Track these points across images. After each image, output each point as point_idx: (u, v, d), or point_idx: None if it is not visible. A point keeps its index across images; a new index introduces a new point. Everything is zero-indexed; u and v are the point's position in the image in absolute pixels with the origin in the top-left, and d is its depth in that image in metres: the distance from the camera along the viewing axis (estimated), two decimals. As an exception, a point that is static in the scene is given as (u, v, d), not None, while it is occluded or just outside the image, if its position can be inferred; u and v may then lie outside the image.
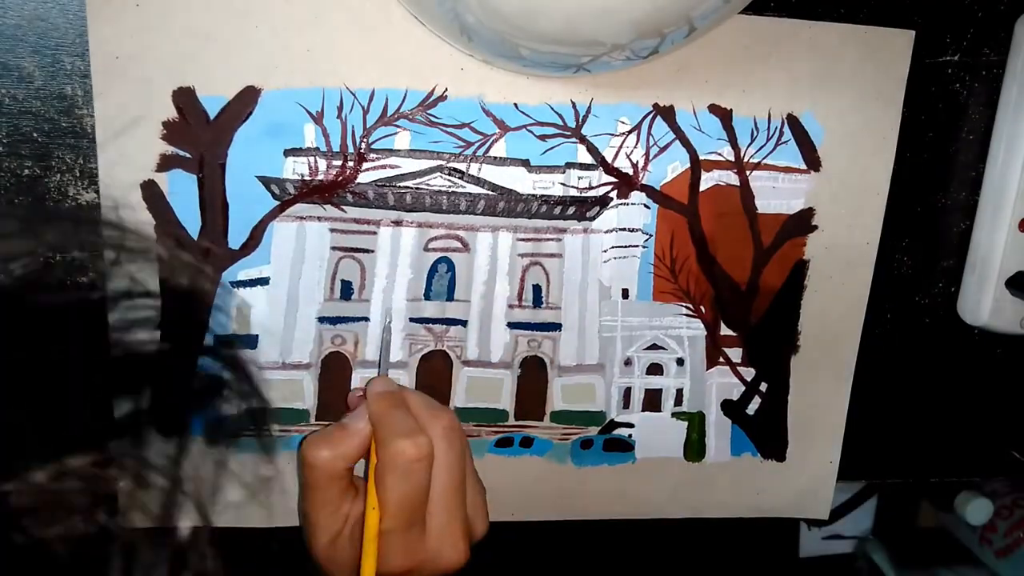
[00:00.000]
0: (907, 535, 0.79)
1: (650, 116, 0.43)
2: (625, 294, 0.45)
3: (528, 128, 0.42)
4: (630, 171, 0.44)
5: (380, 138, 0.41)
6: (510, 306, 0.44)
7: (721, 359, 0.47)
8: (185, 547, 0.20)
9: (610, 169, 0.44)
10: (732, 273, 0.46)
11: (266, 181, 0.41)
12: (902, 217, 0.47)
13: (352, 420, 0.38)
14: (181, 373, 0.41)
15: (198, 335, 0.41)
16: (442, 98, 0.41)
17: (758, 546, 0.75)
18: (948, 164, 0.48)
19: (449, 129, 0.42)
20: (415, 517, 0.36)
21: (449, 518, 0.37)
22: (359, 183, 0.41)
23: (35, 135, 0.39)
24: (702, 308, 0.46)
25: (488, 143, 0.42)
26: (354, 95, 0.40)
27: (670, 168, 0.44)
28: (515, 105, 0.42)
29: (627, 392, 0.47)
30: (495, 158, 0.42)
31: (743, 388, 0.48)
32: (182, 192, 0.40)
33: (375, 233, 0.42)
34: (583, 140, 0.43)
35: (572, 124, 0.43)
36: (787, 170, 0.45)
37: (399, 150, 0.41)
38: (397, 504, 0.35)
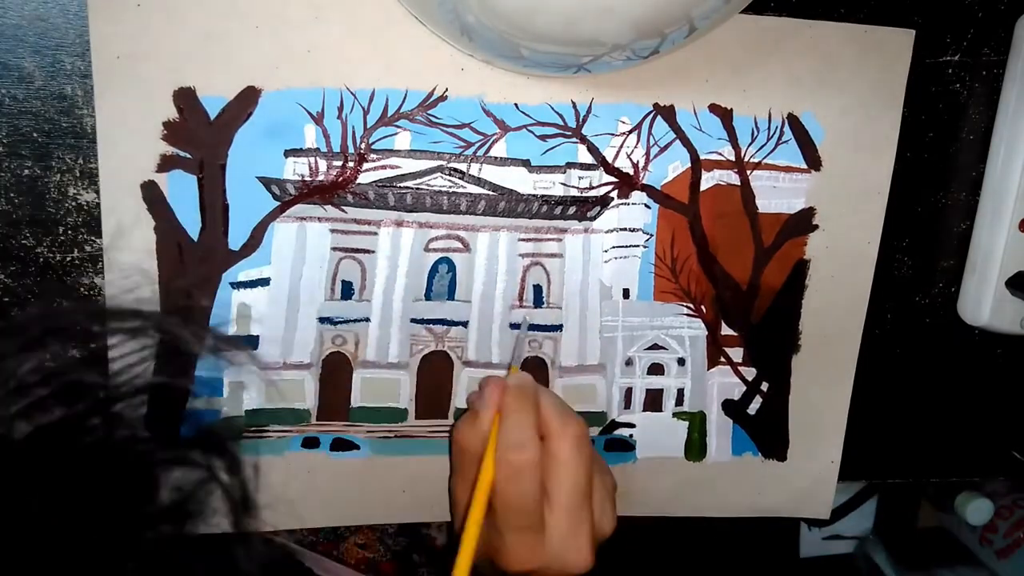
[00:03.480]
0: (907, 535, 0.79)
1: (650, 116, 0.43)
2: (626, 294, 0.45)
3: (528, 128, 0.42)
4: (631, 171, 0.44)
5: (380, 138, 0.41)
6: (511, 306, 0.44)
7: (722, 359, 0.47)
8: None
9: (611, 169, 0.44)
10: (733, 273, 0.46)
11: (266, 182, 0.41)
12: (902, 217, 0.47)
13: (483, 408, 0.39)
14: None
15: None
16: (442, 98, 0.41)
17: (759, 546, 0.75)
18: (948, 164, 0.48)
19: (449, 129, 0.42)
20: (530, 520, 0.37)
21: (572, 523, 0.37)
22: (360, 183, 0.41)
23: (35, 135, 0.39)
24: (703, 308, 0.46)
25: (488, 143, 0.42)
26: (354, 95, 0.40)
27: (671, 168, 0.44)
28: (515, 105, 0.42)
29: (628, 392, 0.46)
30: (495, 158, 0.42)
31: (744, 388, 0.48)
32: (182, 193, 0.40)
33: (376, 234, 0.42)
34: (584, 140, 0.43)
35: (573, 124, 0.43)
36: (788, 169, 0.45)
37: (399, 150, 0.41)
38: (504, 505, 0.37)
